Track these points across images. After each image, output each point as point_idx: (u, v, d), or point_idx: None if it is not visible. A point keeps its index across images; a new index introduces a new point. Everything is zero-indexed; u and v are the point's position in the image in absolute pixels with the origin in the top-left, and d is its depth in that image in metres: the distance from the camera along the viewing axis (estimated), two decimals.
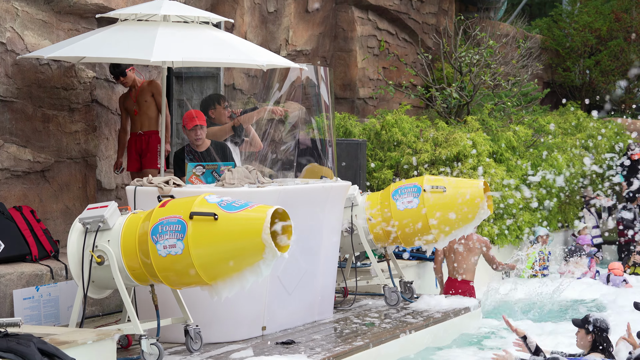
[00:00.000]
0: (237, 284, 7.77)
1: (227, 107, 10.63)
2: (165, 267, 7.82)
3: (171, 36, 9.73)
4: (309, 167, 10.57)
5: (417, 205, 10.88)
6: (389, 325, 10.04)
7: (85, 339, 7.37)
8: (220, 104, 10.61)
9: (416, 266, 13.14)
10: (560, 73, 23.98)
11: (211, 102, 10.69)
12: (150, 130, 11.10)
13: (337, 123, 14.97)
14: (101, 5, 10.75)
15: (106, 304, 9.80)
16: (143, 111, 11.05)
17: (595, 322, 8.35)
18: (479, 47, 17.81)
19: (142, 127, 11.11)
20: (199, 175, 9.29)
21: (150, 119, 11.07)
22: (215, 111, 10.62)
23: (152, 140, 11.08)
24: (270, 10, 15.17)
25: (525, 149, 16.74)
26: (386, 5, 18.25)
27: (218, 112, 10.60)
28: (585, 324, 8.40)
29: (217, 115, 10.61)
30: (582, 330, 8.43)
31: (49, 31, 10.47)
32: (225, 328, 9.04)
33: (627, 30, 24.17)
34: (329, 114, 10.64)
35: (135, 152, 11.12)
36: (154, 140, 11.06)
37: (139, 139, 11.12)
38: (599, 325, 8.35)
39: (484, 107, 17.26)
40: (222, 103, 10.62)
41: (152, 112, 11.07)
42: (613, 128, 20.74)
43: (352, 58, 17.58)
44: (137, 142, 11.13)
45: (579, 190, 18.44)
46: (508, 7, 26.10)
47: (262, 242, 7.52)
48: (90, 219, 8.11)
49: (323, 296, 10.21)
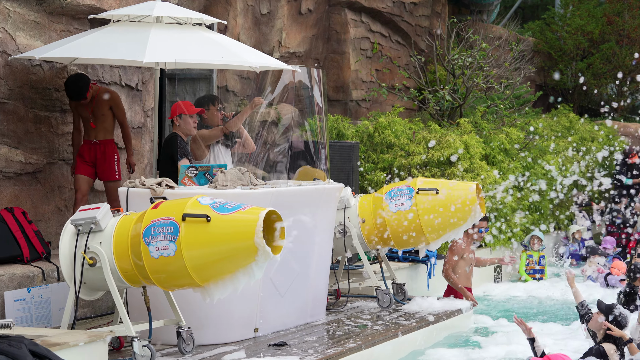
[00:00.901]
0: (230, 285, 7.76)
1: (220, 109, 10.58)
2: (157, 269, 7.81)
3: (164, 37, 9.72)
4: (301, 169, 10.56)
5: (409, 207, 10.89)
6: (382, 327, 10.03)
7: (77, 341, 7.35)
8: (215, 105, 10.58)
9: (409, 268, 13.14)
10: (553, 76, 24.02)
11: (204, 103, 10.66)
12: (106, 140, 10.70)
13: (330, 125, 14.96)
14: (93, 7, 10.73)
15: (98, 306, 9.77)
16: (99, 123, 10.62)
17: (619, 315, 8.47)
18: (471, 49, 17.83)
19: (97, 136, 10.65)
20: (192, 177, 9.28)
21: (106, 130, 10.68)
22: (208, 112, 10.60)
23: (108, 149, 10.69)
24: (263, 12, 15.16)
25: (517, 151, 16.76)
26: (379, 8, 18.26)
27: (211, 113, 10.58)
28: (609, 312, 8.48)
29: (209, 116, 10.59)
30: (602, 315, 8.50)
31: (41, 32, 10.45)
32: (217, 330, 9.03)
33: (619, 34, 24.22)
34: (322, 116, 10.63)
35: (89, 159, 10.63)
36: (110, 149, 10.69)
37: (94, 147, 10.65)
38: (620, 320, 8.48)
39: (476, 110, 17.28)
40: (216, 104, 10.59)
41: (109, 124, 10.69)
42: (605, 131, 20.78)
43: (345, 60, 17.59)
44: (91, 149, 10.64)
45: (569, 195, 18.46)
46: (501, 10, 26.14)
47: (255, 244, 7.51)
48: (82, 221, 8.09)
49: (315, 298, 10.20)
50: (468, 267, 12.07)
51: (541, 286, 14.78)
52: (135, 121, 11.71)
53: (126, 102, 11.51)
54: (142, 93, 11.91)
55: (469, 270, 12.10)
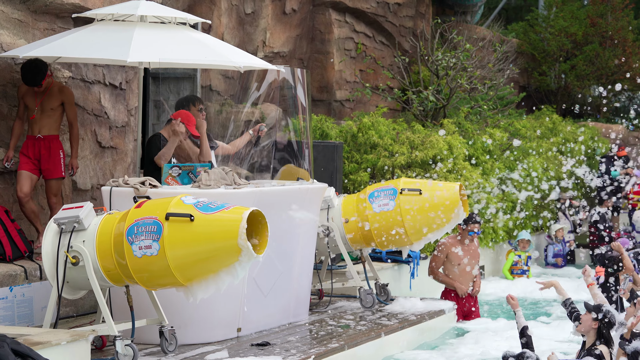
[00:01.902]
0: (213, 285, 7.76)
1: (201, 110, 10.50)
2: (140, 268, 7.80)
3: (148, 37, 9.70)
4: (285, 169, 10.57)
5: (393, 207, 10.91)
6: (364, 327, 10.05)
7: (60, 340, 7.34)
8: (195, 105, 10.53)
9: (392, 268, 13.16)
10: (536, 77, 24.10)
11: (186, 103, 10.61)
12: (50, 135, 10.19)
13: (314, 125, 14.96)
14: (77, 5, 10.70)
15: (81, 305, 9.75)
16: (46, 116, 10.15)
17: (607, 313, 8.43)
18: (455, 50, 17.87)
19: (42, 130, 10.15)
20: (175, 177, 9.27)
21: (51, 125, 10.19)
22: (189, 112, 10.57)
23: (54, 146, 10.19)
24: (247, 12, 15.16)
25: (501, 152, 16.81)
26: (363, 8, 18.28)
27: (192, 114, 10.55)
28: (597, 311, 8.48)
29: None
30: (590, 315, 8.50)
31: (25, 30, 10.42)
32: (200, 329, 9.03)
33: (602, 35, 24.32)
34: (306, 116, 10.64)
35: (33, 156, 10.10)
36: (55, 146, 10.22)
37: (37, 143, 10.13)
38: (609, 318, 8.41)
39: (460, 111, 17.32)
40: (197, 105, 10.55)
41: (56, 120, 10.23)
42: (588, 132, 20.87)
43: (329, 60, 17.59)
44: (35, 146, 10.12)
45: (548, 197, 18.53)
46: (484, 11, 26.20)
47: (239, 245, 7.51)
48: (65, 220, 8.07)
49: (298, 298, 10.21)
50: (457, 267, 11.94)
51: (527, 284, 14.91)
52: (119, 120, 11.68)
53: (110, 100, 11.49)
54: (126, 92, 11.89)
55: (459, 270, 11.94)
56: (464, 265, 11.90)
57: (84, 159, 11.38)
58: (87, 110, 11.37)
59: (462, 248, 11.95)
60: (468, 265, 11.91)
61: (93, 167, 11.34)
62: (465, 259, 11.88)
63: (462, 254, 11.93)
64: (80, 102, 11.27)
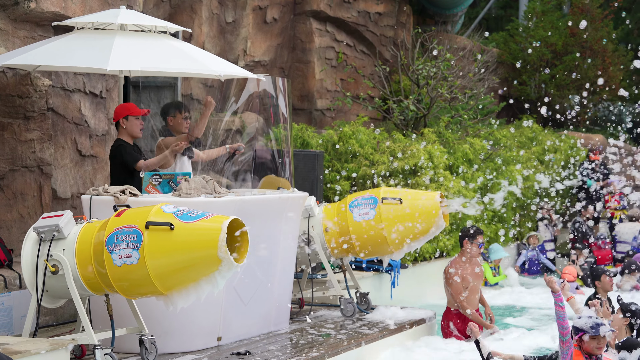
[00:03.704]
0: (193, 294, 7.75)
1: (186, 118, 10.52)
2: (120, 277, 7.78)
3: (128, 45, 9.69)
4: (265, 178, 10.56)
5: (373, 216, 10.92)
6: (345, 336, 10.05)
7: (39, 349, 7.30)
8: (181, 112, 10.53)
9: (372, 277, 13.17)
10: (516, 87, 24.20)
11: (171, 110, 10.61)
12: None
13: (295, 134, 14.99)
14: (58, 14, 10.68)
15: (60, 314, 9.72)
16: None
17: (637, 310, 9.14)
18: (436, 60, 17.94)
19: None
20: (156, 185, 9.25)
21: None
22: (174, 119, 10.57)
23: None
24: (228, 21, 15.17)
25: (481, 161, 16.87)
26: (344, 17, 18.32)
27: (177, 121, 10.55)
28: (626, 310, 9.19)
29: (175, 123, 10.55)
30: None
31: (5, 39, 10.39)
32: (180, 338, 9.01)
33: (582, 45, 24.45)
34: (287, 125, 10.65)
35: None
36: None
37: None
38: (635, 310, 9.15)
39: (440, 120, 17.37)
40: (182, 112, 10.55)
41: None
42: (568, 142, 20.97)
43: (310, 69, 17.63)
44: None
45: (530, 205, 18.60)
46: (465, 20, 26.32)
47: (218, 253, 7.50)
48: (45, 228, 8.05)
49: (279, 307, 10.20)
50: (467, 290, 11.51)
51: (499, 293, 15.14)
52: (99, 129, 11.66)
53: (90, 109, 11.47)
54: (107, 100, 11.87)
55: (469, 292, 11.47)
56: (470, 284, 11.59)
57: (64, 168, 11.35)
58: (67, 118, 11.35)
59: (470, 269, 11.61)
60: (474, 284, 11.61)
61: (73, 175, 11.32)
62: (471, 279, 11.61)
63: (472, 278, 11.55)
64: (61, 111, 11.26)
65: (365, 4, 19.05)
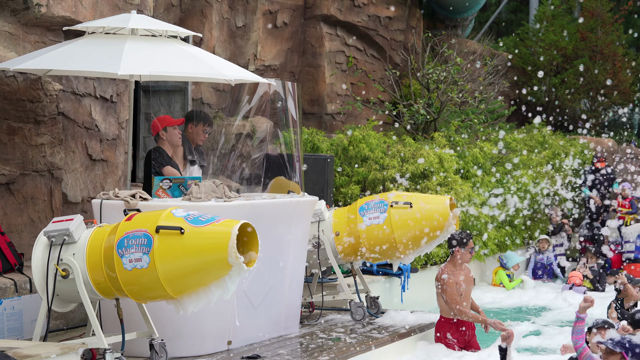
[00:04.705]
0: (203, 298, 7.75)
1: (205, 132, 10.63)
2: (130, 281, 7.79)
3: (139, 50, 9.71)
4: (275, 180, 10.57)
5: (383, 220, 10.91)
6: (355, 340, 10.04)
7: (49, 353, 7.32)
8: (204, 125, 10.64)
9: (382, 281, 13.16)
10: (527, 91, 24.18)
11: (195, 118, 10.70)
12: None
13: (305, 138, 15.00)
14: (68, 18, 10.70)
15: (71, 318, 9.73)
16: None
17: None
18: (446, 64, 17.93)
19: None
20: (166, 189, 9.27)
21: None
22: (195, 128, 10.62)
23: None
24: (238, 25, 15.19)
25: (491, 165, 16.85)
26: (354, 22, 18.33)
27: (196, 131, 10.60)
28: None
29: (194, 132, 10.61)
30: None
31: (15, 43, 10.42)
32: (190, 342, 9.01)
33: (592, 50, 24.41)
34: (297, 129, 10.65)
35: None
36: None
37: None
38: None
39: (450, 124, 17.36)
40: (205, 126, 10.65)
41: None
42: (578, 146, 20.94)
43: (320, 73, 17.64)
44: None
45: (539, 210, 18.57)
46: (475, 24, 26.29)
47: (228, 258, 7.51)
48: (55, 232, 8.06)
49: (289, 311, 10.20)
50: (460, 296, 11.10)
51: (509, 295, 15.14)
52: (110, 133, 11.68)
53: (100, 113, 11.49)
54: (117, 105, 11.89)
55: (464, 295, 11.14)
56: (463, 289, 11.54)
57: (74, 172, 11.38)
58: (77, 123, 11.38)
59: (462, 274, 11.26)
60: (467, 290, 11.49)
61: (84, 179, 11.35)
62: (464, 285, 11.50)
63: (464, 284, 11.16)
64: (71, 115, 11.29)
65: (375, 8, 19.05)
